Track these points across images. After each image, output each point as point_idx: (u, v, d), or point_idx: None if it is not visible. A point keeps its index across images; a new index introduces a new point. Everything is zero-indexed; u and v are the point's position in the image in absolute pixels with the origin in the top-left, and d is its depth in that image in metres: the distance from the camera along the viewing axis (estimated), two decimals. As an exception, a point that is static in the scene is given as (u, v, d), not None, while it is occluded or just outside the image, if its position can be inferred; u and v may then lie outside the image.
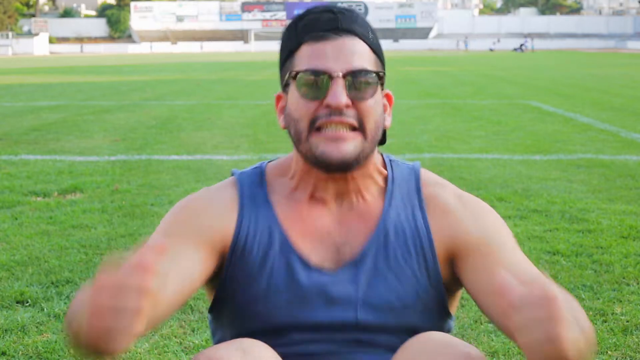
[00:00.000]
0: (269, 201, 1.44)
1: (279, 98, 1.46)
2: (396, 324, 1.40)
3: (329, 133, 1.33)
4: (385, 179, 1.47)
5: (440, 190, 1.47)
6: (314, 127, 1.34)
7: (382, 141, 1.48)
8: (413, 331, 1.37)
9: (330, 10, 1.37)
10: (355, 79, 1.34)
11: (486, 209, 1.48)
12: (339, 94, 1.31)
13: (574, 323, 1.08)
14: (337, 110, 1.32)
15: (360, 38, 1.38)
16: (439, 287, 1.43)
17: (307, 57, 1.35)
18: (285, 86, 1.42)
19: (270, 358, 1.29)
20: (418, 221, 1.43)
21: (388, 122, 1.45)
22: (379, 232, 1.41)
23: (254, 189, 1.46)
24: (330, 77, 1.32)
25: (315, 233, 1.42)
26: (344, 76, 1.33)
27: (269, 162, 1.52)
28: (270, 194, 1.45)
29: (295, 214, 1.43)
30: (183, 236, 1.38)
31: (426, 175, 1.50)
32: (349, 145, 1.33)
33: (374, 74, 1.36)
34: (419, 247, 1.42)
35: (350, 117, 1.33)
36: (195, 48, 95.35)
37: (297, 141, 1.38)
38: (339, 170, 1.36)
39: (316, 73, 1.33)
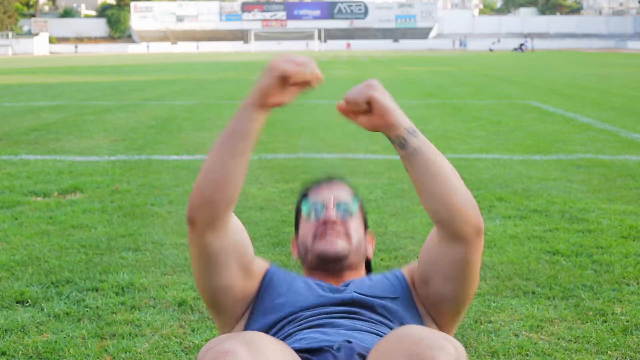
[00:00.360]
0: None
1: (293, 241, 2.13)
2: (382, 305, 1.87)
3: (325, 237, 1.96)
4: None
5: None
6: (315, 237, 1.96)
7: (368, 271, 2.13)
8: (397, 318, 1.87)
9: (326, 174, 2.15)
10: (342, 207, 2.01)
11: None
12: (331, 214, 1.99)
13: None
14: (331, 224, 1.96)
15: (346, 184, 2.11)
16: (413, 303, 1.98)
17: (309, 197, 2.06)
18: (297, 227, 2.09)
19: (273, 348, 1.33)
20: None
21: (370, 252, 2.10)
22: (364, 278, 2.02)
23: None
24: (325, 205, 2.00)
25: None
26: (334, 205, 2.00)
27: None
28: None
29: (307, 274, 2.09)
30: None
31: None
32: (340, 242, 1.95)
33: (355, 205, 2.04)
34: (392, 275, 2.03)
35: (340, 230, 1.97)
36: (191, 48, 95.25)
37: (304, 254, 2.01)
38: (335, 264, 1.95)
39: (315, 203, 2.02)
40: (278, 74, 1.68)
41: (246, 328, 1.89)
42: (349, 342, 1.65)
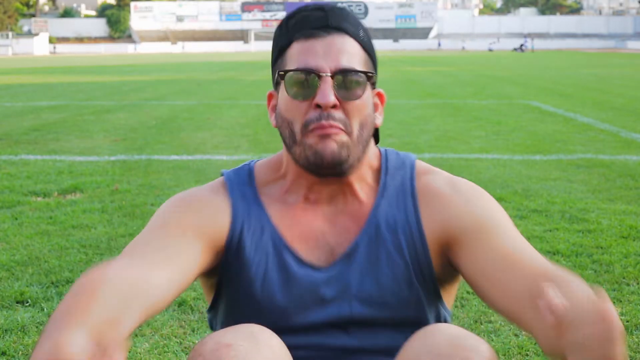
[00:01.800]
0: (259, 201, 1.44)
1: (270, 96, 1.46)
2: (391, 318, 1.40)
3: (319, 132, 1.33)
4: (379, 172, 1.47)
5: (433, 177, 1.46)
6: (307, 130, 1.34)
7: (376, 140, 1.49)
8: (408, 325, 1.38)
9: (321, 8, 1.37)
10: (343, 79, 1.34)
11: (479, 192, 1.46)
12: (327, 94, 1.32)
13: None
14: (326, 112, 1.33)
15: (351, 36, 1.37)
16: (431, 278, 1.42)
17: (297, 55, 1.36)
18: (276, 85, 1.42)
19: (277, 343, 1.29)
20: (409, 212, 1.42)
21: (379, 120, 1.46)
22: (369, 225, 1.41)
23: (243, 188, 1.46)
24: (319, 77, 1.33)
25: (309, 234, 1.42)
26: (333, 75, 1.33)
27: (256, 161, 1.52)
28: (261, 194, 1.45)
29: (288, 215, 1.43)
30: (181, 227, 1.38)
31: (420, 165, 1.50)
32: (335, 144, 1.34)
33: (363, 75, 1.36)
34: (409, 238, 1.41)
35: (338, 121, 1.34)
36: (189, 48, 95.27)
37: (291, 142, 1.38)
38: (331, 169, 1.36)
39: (305, 72, 1.34)
40: None
41: (226, 274, 1.45)
42: None
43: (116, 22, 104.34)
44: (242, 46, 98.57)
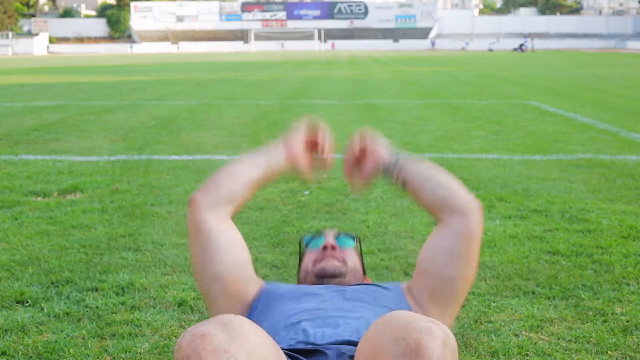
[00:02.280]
0: None
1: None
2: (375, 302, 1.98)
3: (324, 259, 2.21)
4: None
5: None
6: (314, 264, 2.19)
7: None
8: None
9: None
10: (340, 239, 2.29)
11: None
12: (330, 240, 2.25)
13: None
14: (330, 248, 2.21)
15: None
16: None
17: (311, 238, 2.37)
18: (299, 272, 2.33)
19: (251, 331, 1.33)
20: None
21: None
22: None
23: None
24: (325, 236, 2.29)
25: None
26: (334, 237, 2.29)
27: None
28: None
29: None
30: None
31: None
32: (337, 262, 2.17)
33: (353, 240, 2.32)
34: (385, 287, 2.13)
35: (337, 255, 2.19)
36: (185, 48, 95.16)
37: (304, 278, 2.21)
38: (332, 279, 2.13)
39: (316, 238, 2.31)
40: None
41: None
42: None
43: (116, 22, 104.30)
44: (242, 46, 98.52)
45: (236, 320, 1.37)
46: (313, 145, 2.23)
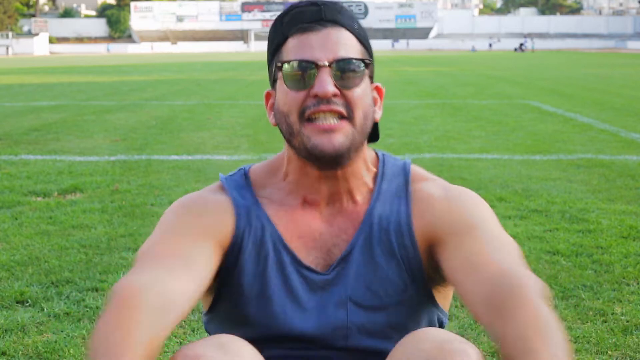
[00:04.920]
0: (258, 202, 1.45)
1: (268, 95, 1.45)
2: (387, 323, 1.41)
3: (320, 124, 1.32)
4: (375, 176, 1.47)
5: (427, 183, 1.47)
6: (304, 117, 1.33)
7: (375, 137, 1.49)
8: (405, 331, 1.38)
9: (314, 3, 1.37)
10: (341, 68, 1.33)
11: (470, 195, 1.45)
12: (326, 83, 1.31)
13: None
14: (325, 100, 1.31)
15: (346, 28, 1.37)
16: (422, 279, 1.43)
17: (293, 49, 1.35)
18: (273, 82, 1.41)
19: (249, 353, 1.27)
20: (402, 214, 1.43)
21: (378, 115, 1.45)
22: (364, 227, 1.42)
23: (241, 190, 1.46)
24: (317, 67, 1.32)
25: (308, 236, 1.43)
26: (330, 65, 1.32)
27: (250, 166, 1.52)
28: (259, 196, 1.46)
29: (287, 217, 1.43)
30: (191, 235, 1.38)
31: (416, 171, 1.50)
32: (340, 135, 1.33)
33: (361, 62, 1.35)
34: (400, 239, 1.41)
35: (339, 106, 1.32)
36: (184, 48, 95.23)
37: (289, 135, 1.37)
38: (332, 163, 1.36)
39: (302, 63, 1.33)
40: None
41: (226, 276, 1.45)
42: None
43: (116, 22, 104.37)
44: (242, 46, 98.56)
45: (233, 341, 1.30)
46: None
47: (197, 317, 3.19)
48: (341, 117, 1.33)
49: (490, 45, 78.78)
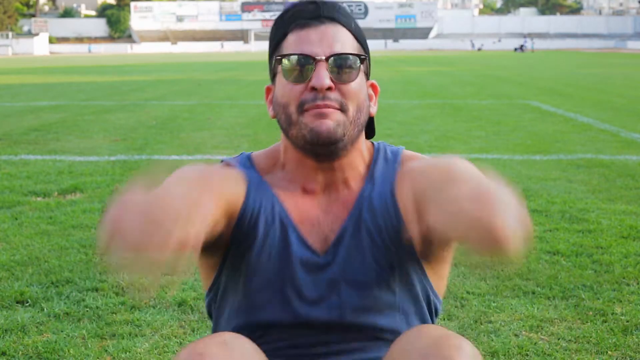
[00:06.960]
0: (265, 182, 1.49)
1: (268, 90, 1.51)
2: (380, 300, 1.45)
3: (316, 110, 1.38)
4: (370, 164, 1.52)
5: (414, 161, 1.48)
6: (302, 109, 1.39)
7: (371, 132, 1.55)
8: (397, 311, 1.44)
9: (313, 1, 1.44)
10: (337, 63, 1.40)
11: (450, 156, 1.40)
12: (323, 77, 1.37)
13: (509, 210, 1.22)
14: (322, 94, 1.37)
15: (343, 25, 1.44)
16: (413, 255, 1.45)
17: (292, 44, 1.42)
18: (273, 76, 1.47)
19: (252, 351, 1.30)
20: (387, 193, 1.46)
21: (373, 110, 1.51)
22: (354, 210, 1.47)
23: (248, 170, 1.50)
24: (314, 61, 1.38)
25: (308, 221, 1.47)
26: (327, 59, 1.38)
27: (250, 153, 1.56)
28: (264, 178, 1.50)
29: (291, 200, 1.48)
30: (203, 189, 1.31)
31: (406, 153, 1.54)
32: (332, 121, 1.38)
33: (356, 58, 1.42)
34: (387, 219, 1.45)
35: (334, 100, 1.38)
36: (183, 48, 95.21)
37: (287, 125, 1.42)
38: (326, 150, 1.40)
39: (300, 57, 1.39)
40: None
41: (236, 247, 1.47)
42: None
43: (116, 22, 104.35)
44: (242, 46, 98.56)
45: (235, 338, 1.33)
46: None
47: (198, 317, 3.19)
48: (336, 109, 1.40)
49: (493, 42, 78.83)
